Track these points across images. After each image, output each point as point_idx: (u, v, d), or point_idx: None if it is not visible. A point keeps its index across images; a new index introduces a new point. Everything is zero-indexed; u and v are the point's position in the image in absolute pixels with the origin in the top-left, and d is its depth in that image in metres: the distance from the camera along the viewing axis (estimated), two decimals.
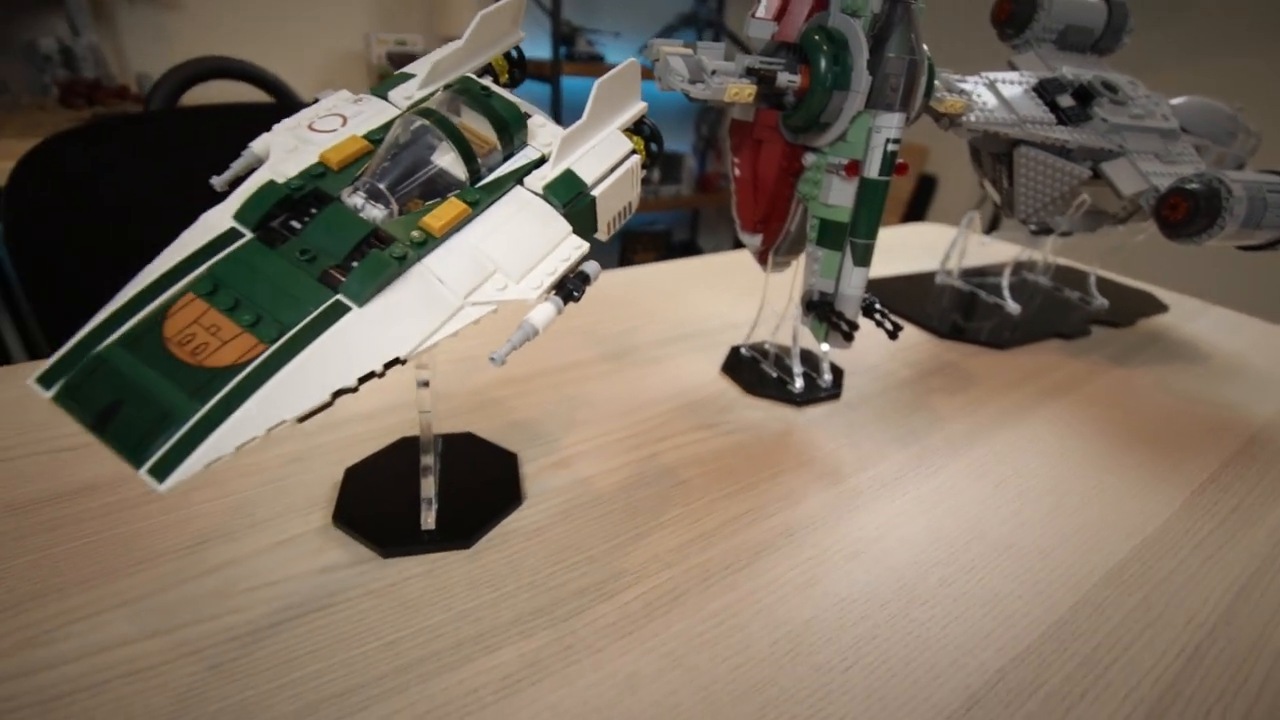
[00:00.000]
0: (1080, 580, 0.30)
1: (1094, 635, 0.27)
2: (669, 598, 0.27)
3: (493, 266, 0.22)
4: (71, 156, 0.50)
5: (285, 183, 0.21)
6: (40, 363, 0.18)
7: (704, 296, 0.58)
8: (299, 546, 0.28)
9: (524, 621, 0.25)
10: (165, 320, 0.18)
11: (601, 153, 0.26)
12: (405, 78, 0.26)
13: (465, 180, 0.23)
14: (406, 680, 0.23)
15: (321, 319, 0.19)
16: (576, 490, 0.33)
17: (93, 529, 0.28)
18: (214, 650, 0.23)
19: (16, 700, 0.21)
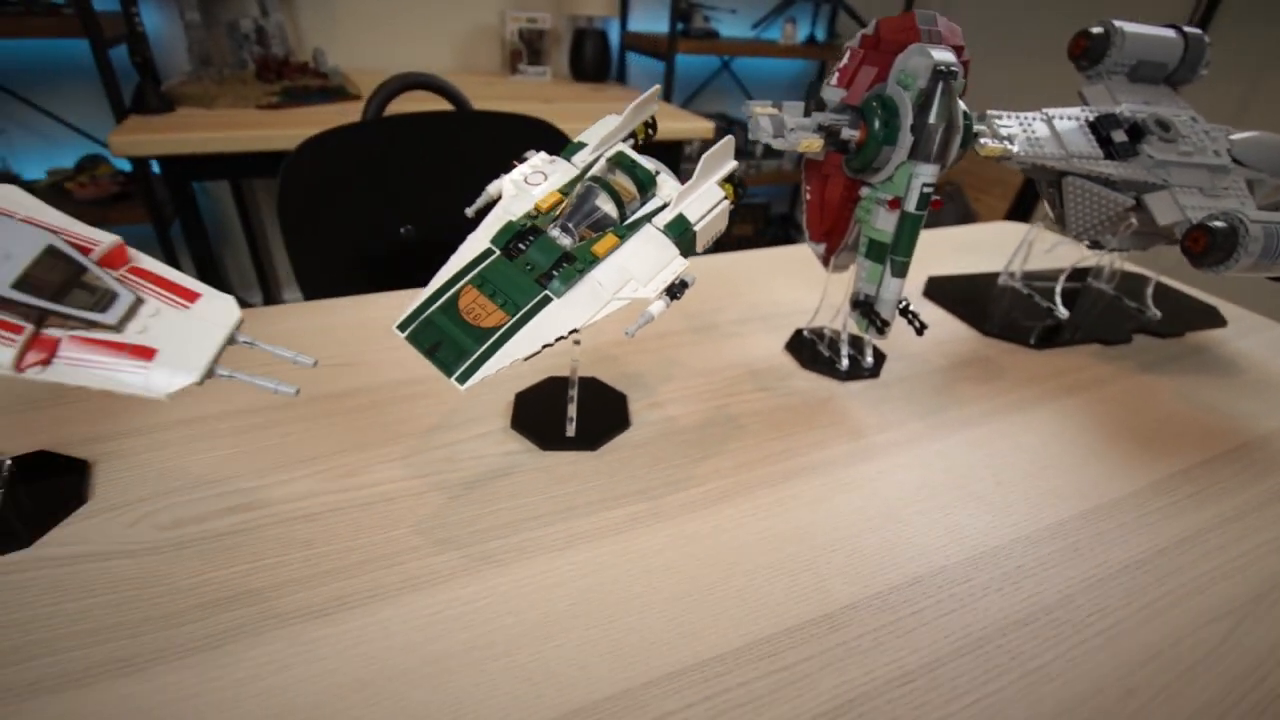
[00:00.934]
0: (1028, 525, 0.41)
1: (1023, 558, 0.39)
2: (721, 496, 0.41)
3: (630, 276, 0.36)
4: (325, 149, 0.69)
5: (517, 220, 0.36)
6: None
7: (779, 284, 0.70)
8: (491, 438, 0.44)
9: (629, 496, 0.40)
10: (459, 299, 0.34)
11: (703, 201, 0.39)
12: (580, 145, 0.40)
13: (616, 219, 0.37)
14: (558, 518, 0.38)
15: (538, 305, 0.34)
16: (665, 423, 0.47)
17: (374, 414, 0.46)
18: (448, 489, 0.40)
19: (350, 501, 0.38)
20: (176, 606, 0.32)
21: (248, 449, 0.42)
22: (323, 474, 0.40)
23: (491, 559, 0.36)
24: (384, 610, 0.32)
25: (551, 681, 0.30)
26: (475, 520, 0.38)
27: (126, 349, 0.25)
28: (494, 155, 0.79)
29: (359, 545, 0.36)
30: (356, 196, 0.71)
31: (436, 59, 1.80)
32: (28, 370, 0.24)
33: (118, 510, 0.37)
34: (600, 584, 0.35)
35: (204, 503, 0.38)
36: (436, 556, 0.35)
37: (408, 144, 0.73)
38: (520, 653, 0.31)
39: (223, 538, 0.36)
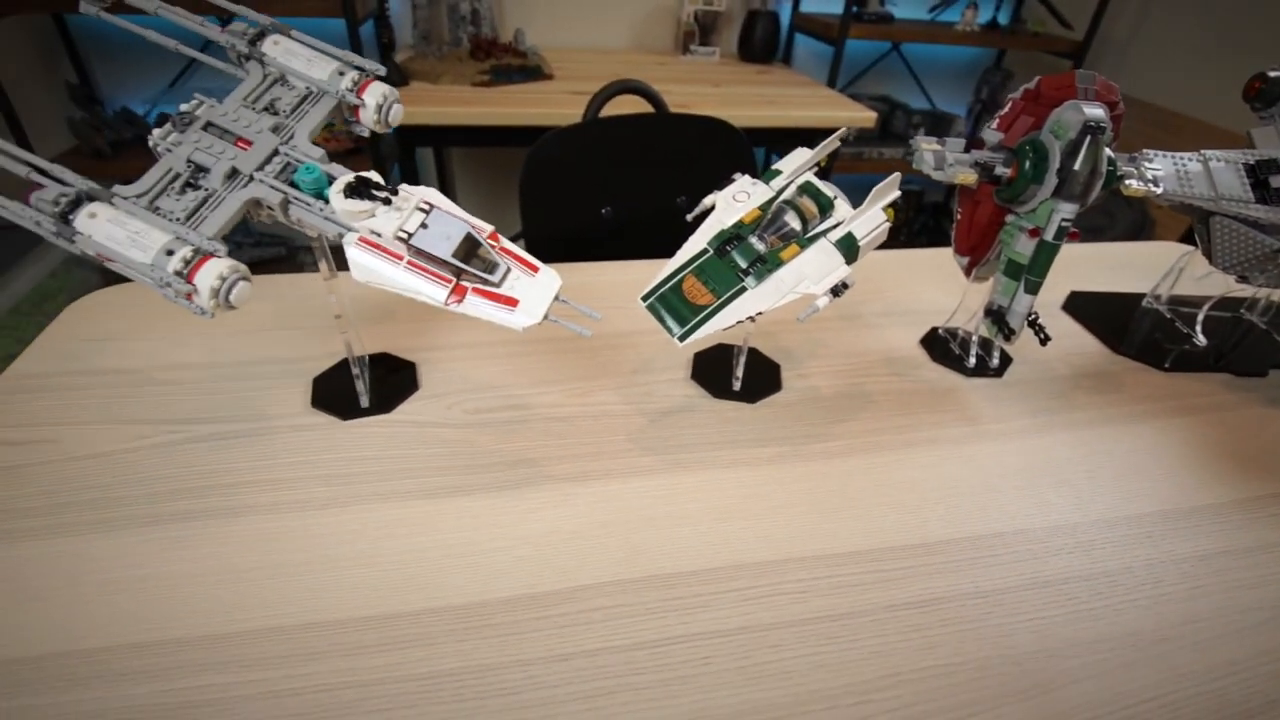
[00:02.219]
0: (1109, 512, 0.50)
1: (1097, 535, 0.48)
2: (851, 451, 0.53)
3: (805, 277, 0.48)
4: (557, 142, 0.86)
5: (727, 229, 0.50)
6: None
7: (919, 285, 0.79)
8: (676, 384, 0.59)
9: (777, 440, 0.54)
10: (683, 283, 0.48)
11: (868, 222, 0.50)
12: (777, 173, 0.53)
13: (800, 233, 0.50)
14: (725, 446, 0.53)
15: (736, 292, 0.48)
16: (810, 391, 0.60)
17: (593, 355, 0.62)
18: (648, 415, 0.55)
19: (584, 413, 0.55)
20: (485, 461, 0.50)
21: (514, 367, 0.60)
22: (564, 391, 0.57)
23: (680, 464, 0.51)
24: (614, 484, 0.49)
25: (724, 546, 0.44)
26: (668, 438, 0.53)
27: (502, 299, 0.42)
28: (683, 151, 0.93)
29: (592, 441, 0.52)
30: (574, 182, 0.88)
31: (614, 37, 1.95)
32: (450, 305, 0.41)
33: (438, 397, 0.56)
34: (754, 494, 0.49)
35: (491, 399, 0.56)
36: (644, 457, 0.51)
37: (615, 140, 0.88)
38: (701, 524, 0.46)
39: (506, 424, 0.53)
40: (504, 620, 0.39)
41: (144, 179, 0.41)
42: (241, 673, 0.36)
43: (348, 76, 0.45)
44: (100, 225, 0.38)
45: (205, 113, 0.43)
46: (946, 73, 2.20)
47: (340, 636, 0.38)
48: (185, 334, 0.61)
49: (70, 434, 0.50)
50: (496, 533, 0.44)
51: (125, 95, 1.78)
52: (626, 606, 0.40)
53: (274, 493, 0.46)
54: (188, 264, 0.38)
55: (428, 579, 0.41)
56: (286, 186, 0.42)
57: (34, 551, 0.42)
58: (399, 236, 0.40)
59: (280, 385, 0.56)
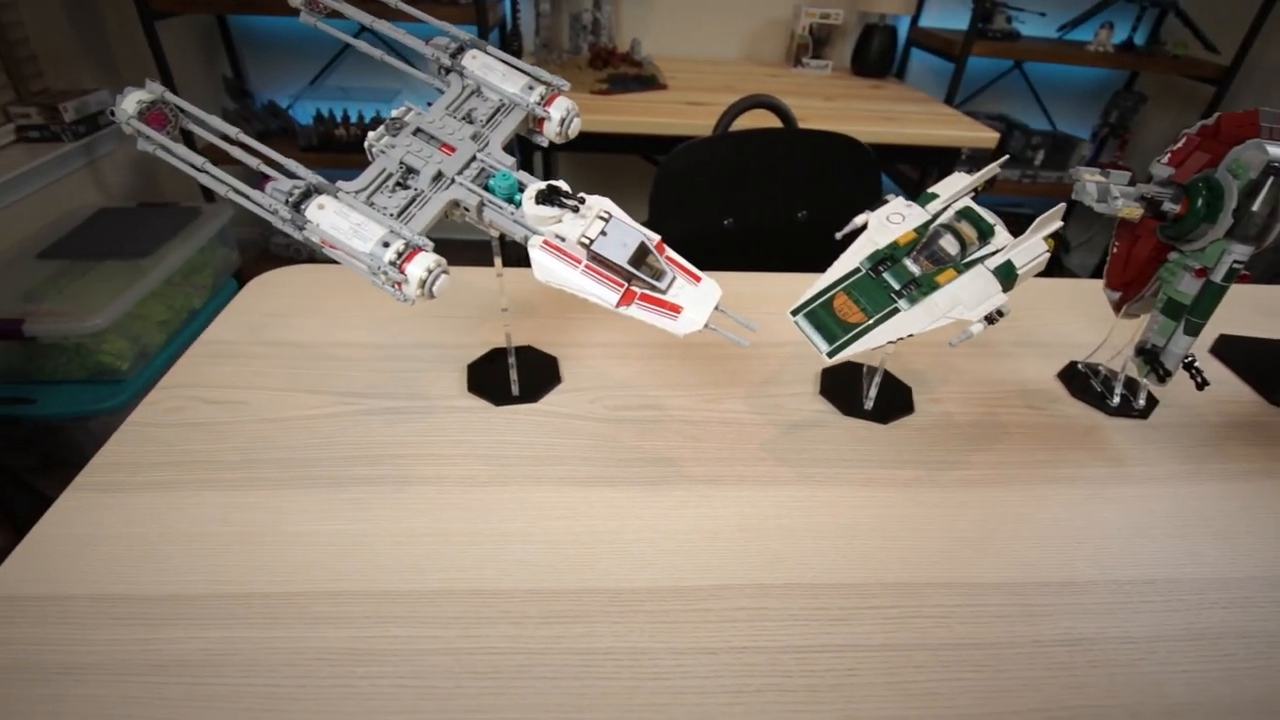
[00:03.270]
0: (1270, 569, 0.48)
1: (1256, 592, 0.46)
2: (989, 483, 0.53)
3: (959, 302, 0.48)
4: (687, 155, 0.89)
5: (881, 249, 0.50)
6: None
7: (1055, 315, 0.76)
8: (804, 398, 0.60)
9: (913, 464, 0.54)
10: (834, 300, 0.49)
11: (1029, 252, 0.49)
12: (933, 196, 0.53)
13: (955, 257, 0.50)
14: (859, 465, 0.53)
15: (889, 313, 0.48)
16: (942, 417, 0.60)
17: (722, 363, 0.64)
18: (779, 426, 0.56)
19: (716, 419, 0.57)
20: (626, 456, 0.52)
21: (648, 369, 0.62)
22: (696, 397, 0.59)
23: (813, 479, 0.52)
24: (748, 491, 0.50)
25: (862, 563, 0.45)
26: (800, 451, 0.54)
27: (667, 305, 0.44)
28: (809, 166, 0.94)
29: (726, 447, 0.54)
30: (701, 192, 0.90)
31: (725, 48, 1.97)
32: (619, 308, 0.44)
33: (580, 392, 0.59)
34: (890, 515, 0.49)
35: (629, 398, 0.59)
36: (777, 467, 0.52)
37: (744, 153, 0.90)
38: (838, 540, 0.47)
39: (644, 423, 0.56)
40: (654, 608, 0.41)
41: (362, 177, 0.46)
42: (420, 628, 0.39)
43: (537, 90, 0.49)
44: (327, 216, 0.43)
45: (414, 119, 0.48)
46: (1071, 93, 2.10)
47: (507, 605, 0.41)
48: (350, 315, 0.67)
49: (258, 398, 0.56)
50: (640, 525, 0.47)
51: (272, 90, 1.95)
52: (770, 610, 0.42)
53: (438, 467, 0.50)
54: (400, 255, 0.42)
55: (581, 561, 0.44)
56: (482, 190, 0.46)
57: (236, 499, 0.47)
58: (581, 242, 0.43)
59: (437, 369, 0.60)
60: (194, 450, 0.51)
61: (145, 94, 0.46)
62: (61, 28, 1.72)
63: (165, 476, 0.49)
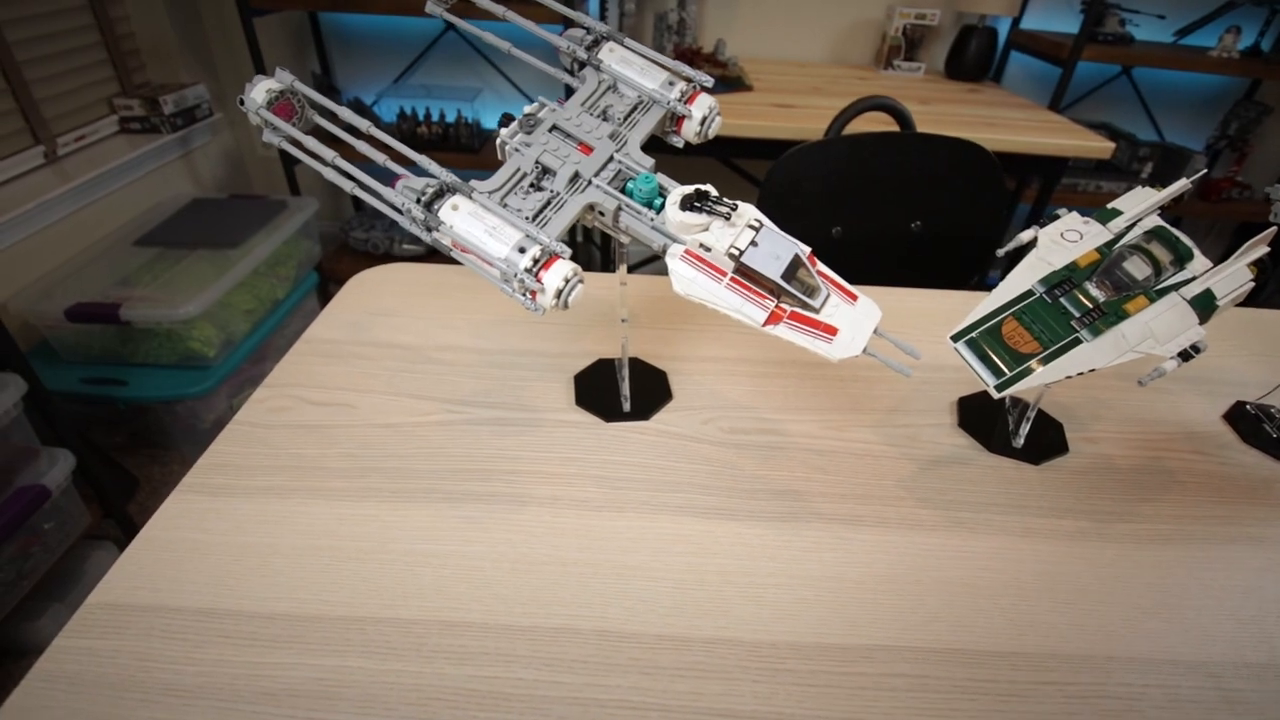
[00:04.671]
0: None
1: None
2: (1165, 539, 0.46)
3: (1150, 334, 0.42)
4: (797, 158, 0.84)
5: (1058, 270, 0.45)
6: None
7: (1219, 346, 0.68)
8: (941, 429, 0.55)
9: (1075, 513, 0.48)
10: (1002, 326, 0.44)
11: (1232, 280, 0.43)
12: (1115, 213, 0.47)
13: (1146, 283, 0.43)
14: (1013, 511, 0.47)
15: (1069, 344, 0.42)
16: (1101, 459, 0.53)
17: (844, 385, 0.59)
18: (916, 460, 0.51)
19: (844, 449, 0.52)
20: (749, 486, 0.48)
21: (763, 388, 0.58)
22: (819, 423, 0.55)
23: (964, 524, 0.46)
24: (891, 535, 0.45)
25: (1030, 628, 0.40)
26: (944, 491, 0.49)
27: (821, 325, 0.40)
28: (926, 174, 0.88)
29: (859, 482, 0.49)
30: (810, 198, 0.85)
31: (812, 50, 1.90)
32: (766, 326, 0.40)
33: (693, 411, 0.55)
34: (1057, 572, 0.43)
35: (746, 420, 0.54)
36: (920, 509, 0.47)
37: (858, 158, 0.84)
38: (1000, 599, 0.41)
39: (765, 449, 0.52)
40: (798, 668, 0.37)
41: (496, 176, 0.43)
42: (545, 671, 0.36)
43: (677, 87, 0.45)
44: (461, 217, 0.40)
45: (548, 116, 0.45)
46: (1183, 102, 1.94)
47: (636, 651, 0.37)
48: (452, 317, 0.65)
49: (365, 401, 0.55)
50: (774, 567, 0.42)
51: (357, 87, 1.98)
52: (932, 680, 0.37)
53: (551, 486, 0.47)
54: (537, 263, 0.39)
55: (712, 605, 0.40)
56: (619, 193, 0.42)
57: (347, 511, 0.45)
58: (730, 253, 0.39)
59: (545, 378, 0.57)
60: (302, 454, 0.49)
61: (275, 83, 0.45)
62: (163, 23, 1.79)
63: (274, 481, 0.47)
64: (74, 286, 1.40)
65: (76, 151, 1.63)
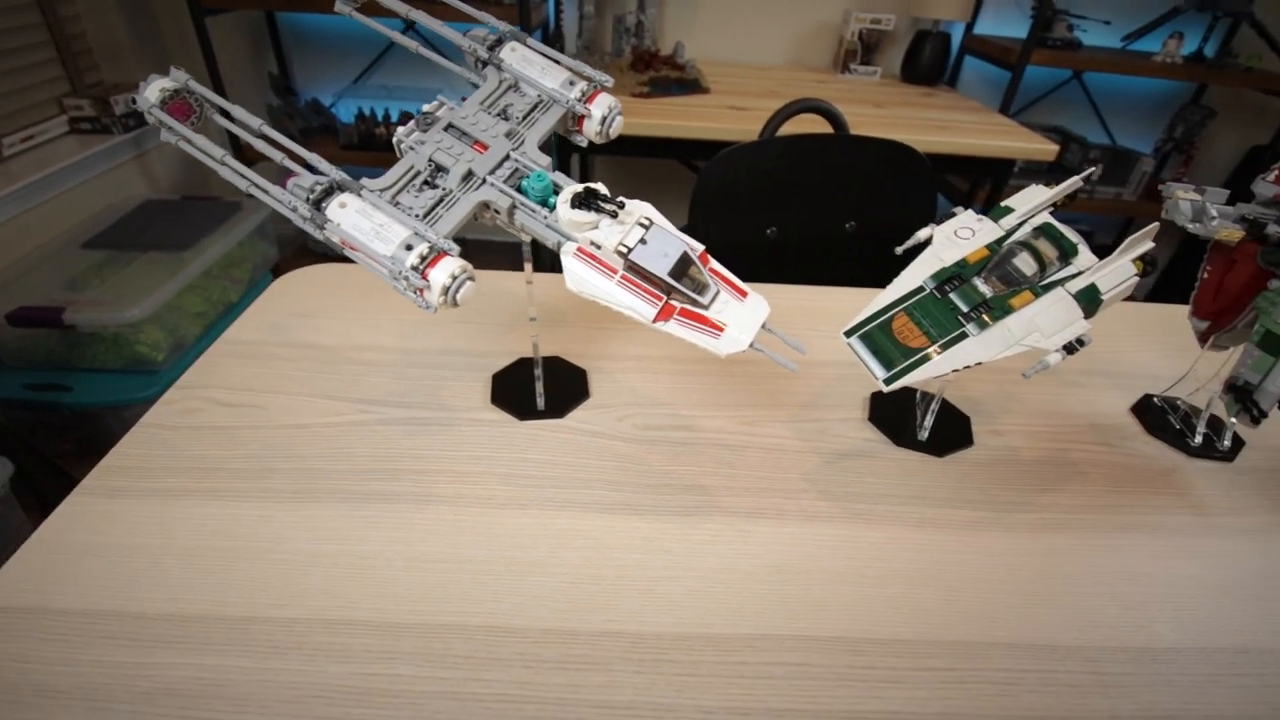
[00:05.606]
0: None
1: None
2: (1059, 527, 0.48)
3: (1036, 329, 0.43)
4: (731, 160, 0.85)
5: (948, 267, 0.46)
6: None
7: (1129, 342, 0.70)
8: (852, 424, 0.56)
9: (974, 503, 0.49)
10: (892, 321, 0.45)
11: (1116, 275, 0.44)
12: (1007, 210, 0.48)
13: (1032, 279, 0.45)
14: (911, 502, 0.48)
15: (956, 338, 0.43)
16: (1006, 451, 0.54)
17: (763, 382, 0.60)
18: (824, 455, 0.52)
19: (754, 443, 0.52)
20: (655, 481, 0.49)
21: (681, 386, 0.58)
22: (733, 418, 0.55)
23: (862, 516, 0.47)
24: (789, 527, 0.46)
25: (916, 616, 0.40)
26: (847, 484, 0.50)
27: (709, 322, 0.40)
28: (860, 176, 0.89)
29: (765, 476, 0.50)
30: (743, 199, 0.86)
31: (771, 54, 1.92)
32: (656, 323, 0.41)
33: (609, 408, 0.55)
34: (949, 561, 0.44)
35: (660, 417, 0.55)
36: (821, 501, 0.48)
37: (791, 160, 0.85)
38: (889, 588, 0.42)
39: (676, 445, 0.52)
40: (681, 658, 0.37)
41: (388, 174, 0.43)
42: (426, 667, 0.36)
43: (578, 86, 0.46)
44: (349, 215, 0.40)
45: (446, 114, 0.45)
46: (1132, 106, 1.99)
47: (521, 646, 0.37)
48: (377, 317, 0.65)
49: (276, 402, 0.54)
50: (669, 560, 0.43)
51: (316, 88, 1.96)
52: (812, 668, 0.37)
53: (457, 485, 0.47)
54: (424, 260, 0.39)
55: (603, 599, 0.40)
56: (514, 192, 0.43)
57: (244, 512, 0.45)
58: (619, 250, 0.40)
59: (462, 378, 0.57)
60: (205, 456, 0.49)
61: (169, 82, 0.44)
62: (116, 22, 1.76)
63: (173, 483, 0.46)
64: (19, 290, 1.37)
65: (24, 152, 1.59)
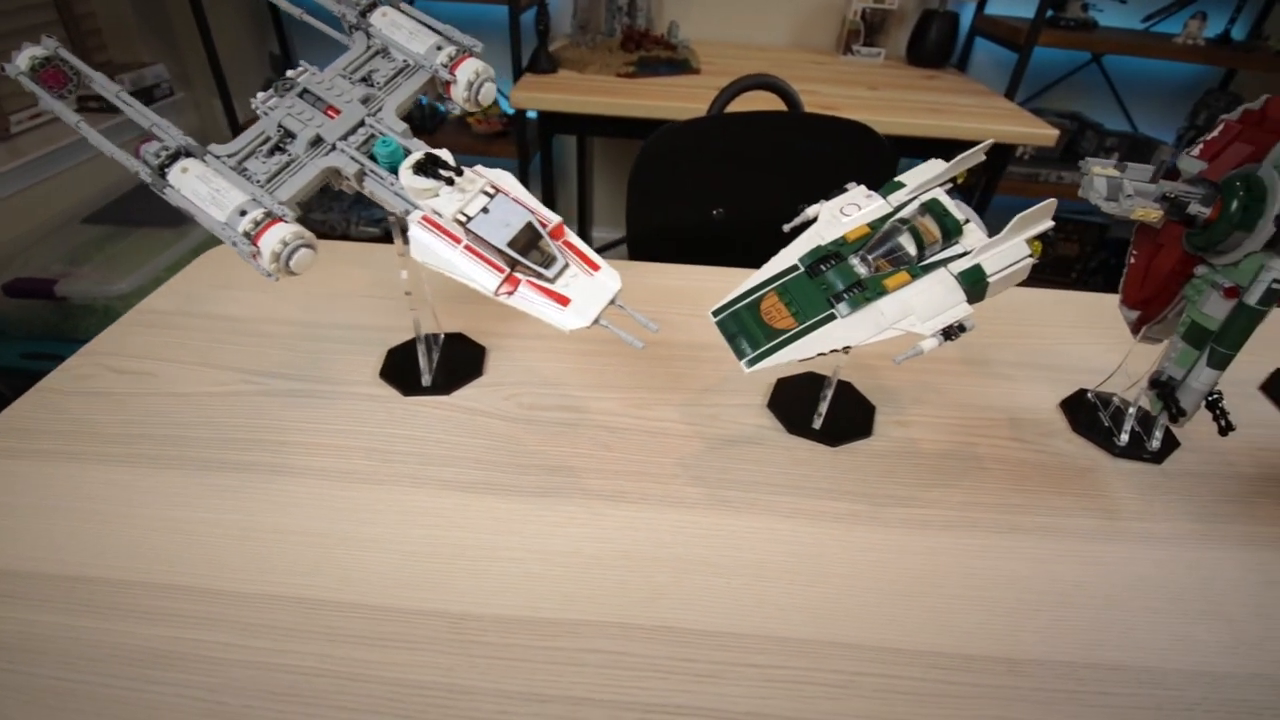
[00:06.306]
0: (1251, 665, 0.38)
1: (1254, 695, 0.37)
2: (943, 525, 0.45)
3: (911, 312, 0.41)
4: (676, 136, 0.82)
5: (825, 245, 0.43)
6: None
7: (1071, 334, 0.66)
8: (749, 410, 0.53)
9: (855, 496, 0.46)
10: (761, 302, 0.42)
11: (1004, 256, 0.41)
12: (898, 185, 0.45)
13: (914, 259, 0.42)
14: (789, 492, 0.46)
15: (823, 320, 0.41)
16: (906, 443, 0.51)
17: (666, 365, 0.58)
18: (709, 440, 0.50)
19: (639, 427, 0.51)
20: (525, 462, 0.47)
21: (584, 366, 0.57)
22: (626, 400, 0.53)
23: (729, 503, 0.45)
24: (649, 512, 0.44)
25: (757, 609, 0.39)
26: (723, 470, 0.48)
27: (554, 295, 0.39)
28: (815, 156, 0.86)
29: (640, 460, 0.48)
30: (687, 179, 0.84)
31: (773, 34, 1.87)
32: (500, 295, 0.39)
33: (499, 386, 0.54)
34: (810, 554, 0.42)
35: (549, 397, 0.53)
36: (690, 487, 0.46)
37: (739, 138, 0.82)
38: (736, 578, 0.40)
39: (557, 425, 0.51)
40: (495, 641, 0.36)
41: (238, 139, 0.42)
42: (238, 635, 0.36)
43: (444, 52, 0.44)
44: (188, 180, 0.40)
45: (305, 80, 0.44)
46: (1155, 92, 1.88)
47: (333, 620, 0.37)
48: (291, 291, 0.65)
49: (168, 370, 0.54)
50: (514, 541, 0.42)
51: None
52: (629, 657, 0.36)
53: (319, 457, 0.47)
54: (257, 225, 0.38)
55: (433, 578, 0.39)
56: (365, 158, 0.41)
57: (104, 475, 0.45)
58: (457, 219, 0.38)
59: (358, 351, 0.57)
60: (87, 420, 0.49)
61: (40, 50, 0.44)
62: (123, 2, 1.80)
63: (48, 446, 0.47)
64: (21, 262, 1.42)
65: (31, 130, 1.64)
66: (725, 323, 0.43)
